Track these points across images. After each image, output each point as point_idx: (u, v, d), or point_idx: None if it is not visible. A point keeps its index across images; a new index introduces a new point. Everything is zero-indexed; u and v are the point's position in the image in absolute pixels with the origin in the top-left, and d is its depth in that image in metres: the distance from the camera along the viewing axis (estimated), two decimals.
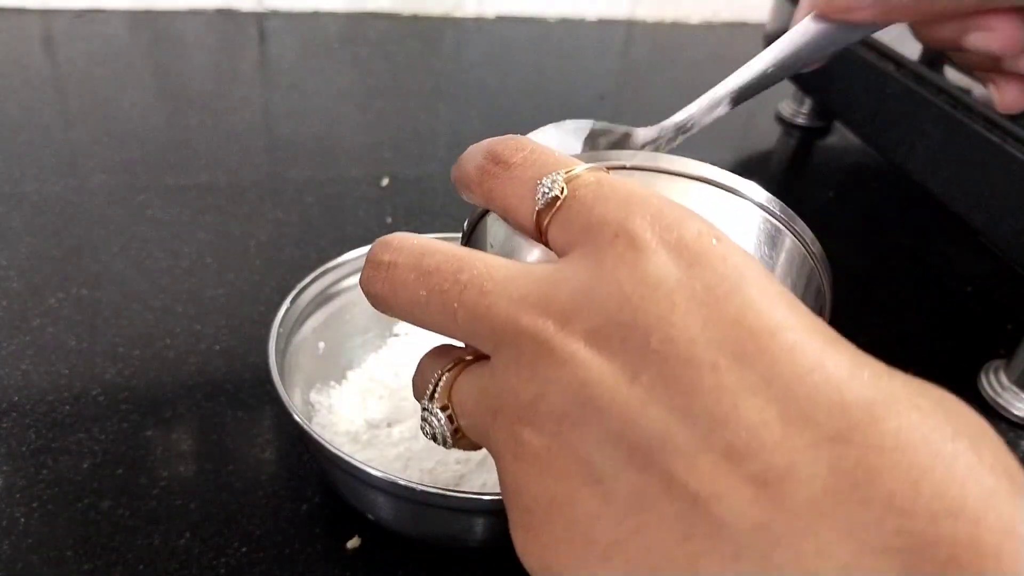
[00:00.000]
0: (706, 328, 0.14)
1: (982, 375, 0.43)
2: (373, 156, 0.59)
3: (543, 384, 0.15)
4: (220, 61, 0.73)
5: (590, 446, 0.14)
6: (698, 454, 0.13)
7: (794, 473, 0.12)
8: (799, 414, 0.13)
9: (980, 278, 0.53)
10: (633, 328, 0.14)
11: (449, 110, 0.69)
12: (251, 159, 0.57)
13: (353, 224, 0.51)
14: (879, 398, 0.13)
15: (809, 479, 0.12)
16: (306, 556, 0.30)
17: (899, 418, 0.13)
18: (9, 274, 0.43)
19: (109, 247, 0.46)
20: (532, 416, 0.15)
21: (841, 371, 0.13)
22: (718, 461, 0.13)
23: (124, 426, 0.35)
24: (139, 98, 0.63)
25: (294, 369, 0.32)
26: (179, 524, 0.31)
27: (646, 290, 0.14)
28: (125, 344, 0.39)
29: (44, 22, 0.74)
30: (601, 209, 0.16)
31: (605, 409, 0.14)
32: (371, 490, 0.28)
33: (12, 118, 0.58)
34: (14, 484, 0.32)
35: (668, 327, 0.14)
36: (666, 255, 0.15)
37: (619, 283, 0.15)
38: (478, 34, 0.86)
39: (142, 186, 0.52)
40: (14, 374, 0.37)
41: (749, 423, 0.13)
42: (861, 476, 0.12)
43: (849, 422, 0.13)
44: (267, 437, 0.35)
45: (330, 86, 0.70)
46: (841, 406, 0.13)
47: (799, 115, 0.72)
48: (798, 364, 0.13)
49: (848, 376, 0.13)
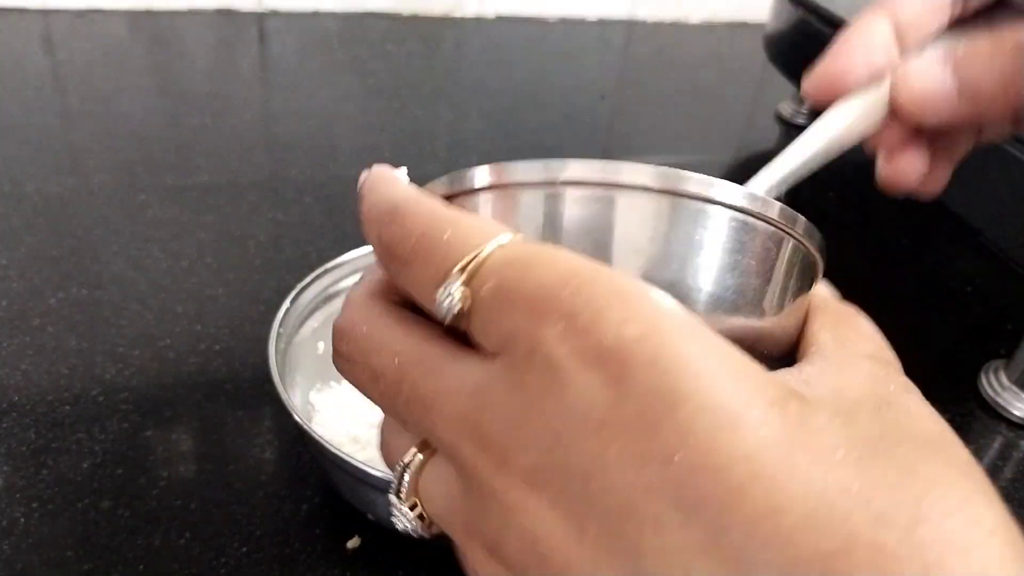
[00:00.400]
0: (644, 469, 0.12)
1: (982, 375, 0.43)
2: (373, 156, 0.59)
3: (501, 527, 0.14)
4: (220, 61, 0.73)
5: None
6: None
7: None
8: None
9: (980, 278, 0.53)
10: (569, 472, 0.13)
11: (449, 110, 0.69)
12: (251, 159, 0.57)
13: (353, 224, 0.51)
14: (840, 547, 0.11)
15: None
16: (306, 556, 0.30)
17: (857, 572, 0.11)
18: (9, 274, 0.43)
19: (109, 247, 0.46)
20: (498, 552, 0.14)
21: (796, 509, 0.12)
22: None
23: (124, 426, 0.35)
24: (139, 98, 0.63)
25: (294, 369, 0.32)
26: (179, 524, 0.31)
27: (574, 426, 0.13)
28: (125, 344, 0.39)
29: (44, 22, 0.74)
30: (508, 320, 0.14)
31: (562, 572, 0.13)
32: (371, 490, 0.28)
33: (12, 118, 0.58)
34: (14, 484, 0.32)
35: (603, 471, 0.13)
36: (588, 375, 0.13)
37: (546, 418, 0.13)
38: (478, 34, 0.86)
39: (142, 186, 0.52)
40: (14, 374, 0.37)
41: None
42: None
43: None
44: (267, 437, 0.35)
45: (330, 86, 0.70)
46: (795, 563, 0.11)
47: (799, 115, 0.72)
48: (747, 512, 0.12)
49: (804, 518, 0.12)
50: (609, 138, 0.68)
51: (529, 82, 0.77)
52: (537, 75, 0.79)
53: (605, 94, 0.76)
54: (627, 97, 0.77)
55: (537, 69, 0.80)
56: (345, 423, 0.34)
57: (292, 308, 0.33)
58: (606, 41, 0.90)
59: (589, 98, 0.74)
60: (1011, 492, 0.37)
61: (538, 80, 0.77)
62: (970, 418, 0.41)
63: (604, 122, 0.71)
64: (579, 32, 0.90)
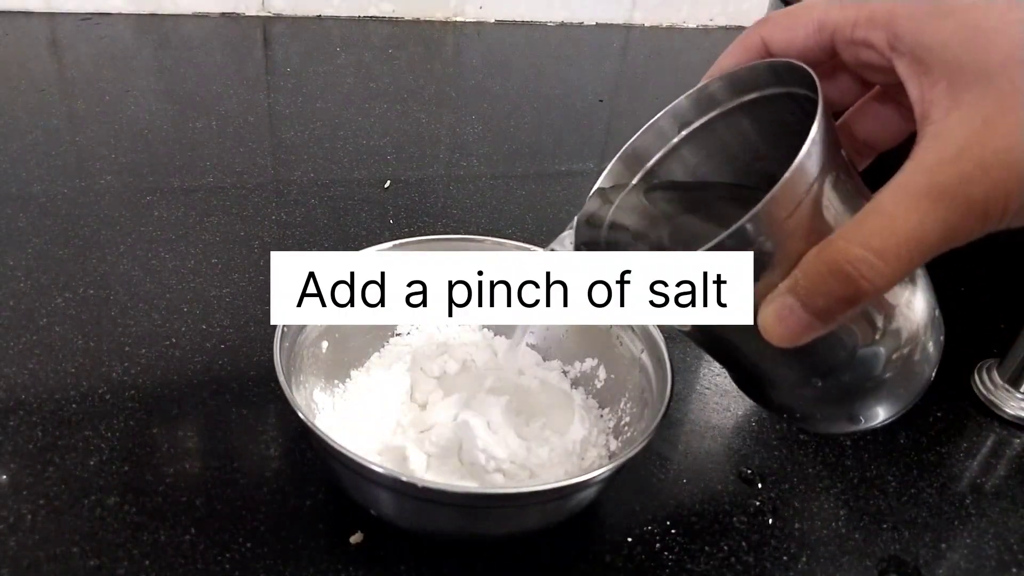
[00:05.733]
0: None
1: (975, 374, 0.44)
2: (375, 159, 0.60)
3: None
4: (225, 65, 0.73)
5: None
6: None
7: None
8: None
9: (973, 278, 0.53)
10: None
11: (450, 113, 0.70)
12: (256, 161, 0.58)
13: (356, 225, 0.51)
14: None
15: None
16: (309, 551, 0.31)
17: None
18: (17, 274, 0.43)
19: (116, 248, 0.47)
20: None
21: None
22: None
23: (130, 424, 0.35)
24: (145, 101, 0.64)
25: (299, 368, 0.33)
26: (184, 520, 0.31)
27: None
28: (131, 343, 0.40)
29: (51, 25, 0.74)
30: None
31: None
32: (374, 486, 0.29)
33: (19, 120, 0.59)
34: (21, 481, 0.32)
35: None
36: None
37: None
38: (478, 39, 0.86)
39: (148, 188, 0.53)
40: (22, 372, 0.37)
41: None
42: None
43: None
44: (272, 434, 0.36)
45: (333, 90, 0.70)
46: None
47: None
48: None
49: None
50: (607, 140, 0.69)
51: (528, 85, 0.77)
52: (536, 79, 0.79)
53: (603, 97, 0.77)
54: (625, 100, 0.78)
55: (536, 73, 0.81)
56: (349, 421, 0.34)
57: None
58: (604, 45, 0.90)
59: (587, 101, 0.75)
60: (1004, 490, 0.38)
61: (537, 83, 0.78)
62: (963, 417, 0.42)
63: (602, 125, 0.72)
64: (578, 37, 0.90)
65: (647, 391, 0.33)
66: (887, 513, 0.36)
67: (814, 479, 0.37)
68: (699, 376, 0.43)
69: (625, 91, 0.80)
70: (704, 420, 0.40)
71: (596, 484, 0.29)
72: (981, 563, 0.34)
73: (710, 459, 0.38)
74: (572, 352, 0.38)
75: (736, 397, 0.41)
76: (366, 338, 0.38)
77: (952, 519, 0.36)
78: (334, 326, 0.36)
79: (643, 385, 0.34)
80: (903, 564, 0.33)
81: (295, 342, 0.33)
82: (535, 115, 0.70)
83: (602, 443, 0.34)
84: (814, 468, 0.38)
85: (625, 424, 0.34)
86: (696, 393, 0.41)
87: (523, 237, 0.43)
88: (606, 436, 0.35)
